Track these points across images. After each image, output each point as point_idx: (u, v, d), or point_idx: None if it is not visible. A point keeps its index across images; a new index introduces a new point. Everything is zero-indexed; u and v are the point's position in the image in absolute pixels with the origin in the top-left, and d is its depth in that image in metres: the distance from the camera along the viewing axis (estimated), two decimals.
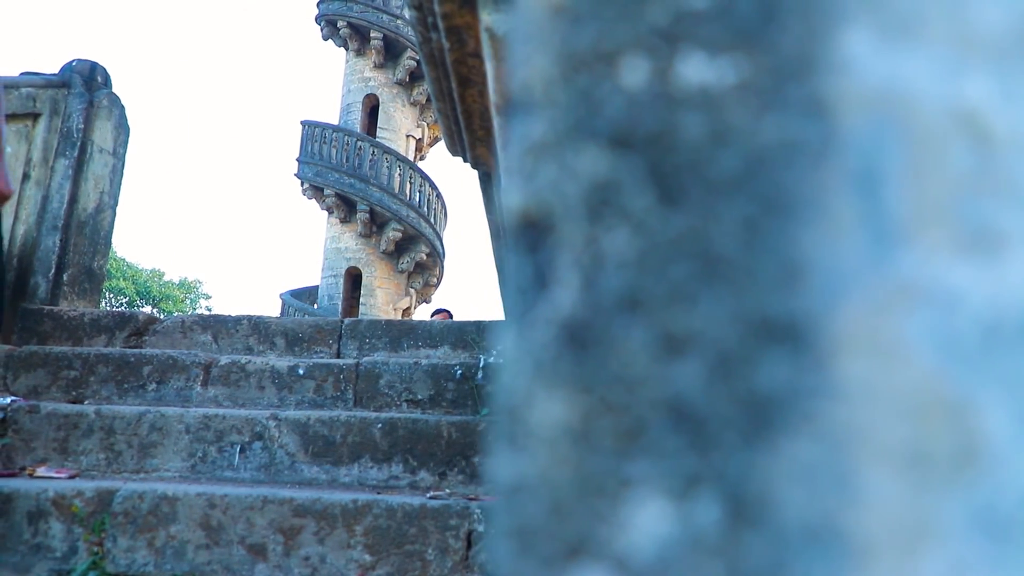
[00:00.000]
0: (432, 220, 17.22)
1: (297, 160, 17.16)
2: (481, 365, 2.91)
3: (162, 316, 3.82)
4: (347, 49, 18.51)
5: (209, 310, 37.72)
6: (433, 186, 17.55)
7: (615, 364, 0.24)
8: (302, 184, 17.17)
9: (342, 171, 16.46)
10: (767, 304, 0.24)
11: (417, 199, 17.01)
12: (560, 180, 0.26)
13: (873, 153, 0.25)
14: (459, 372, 2.93)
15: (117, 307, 30.80)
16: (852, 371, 0.24)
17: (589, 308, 0.25)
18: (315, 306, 17.31)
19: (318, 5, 18.35)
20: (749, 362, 0.24)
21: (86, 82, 3.98)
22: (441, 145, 19.87)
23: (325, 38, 18.60)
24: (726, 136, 0.25)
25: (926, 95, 0.26)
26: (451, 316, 7.26)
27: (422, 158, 19.68)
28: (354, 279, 17.19)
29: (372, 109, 18.46)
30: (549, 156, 0.26)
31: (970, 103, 0.26)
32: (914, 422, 0.24)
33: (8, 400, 2.55)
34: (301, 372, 2.98)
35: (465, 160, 2.17)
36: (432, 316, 7.30)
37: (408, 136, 18.61)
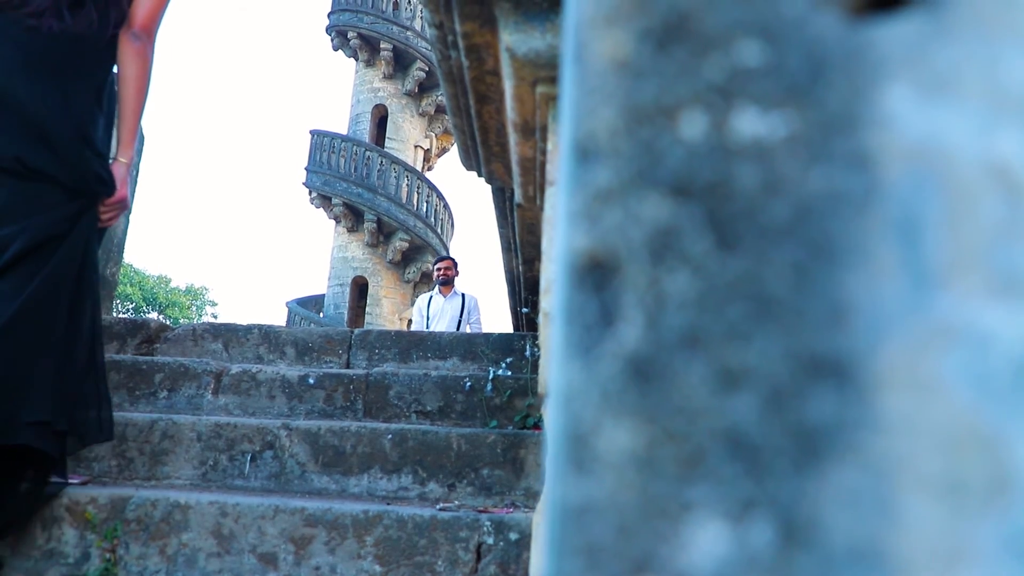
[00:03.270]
0: (439, 230, 17.27)
1: (305, 169, 17.24)
2: (490, 377, 2.92)
3: (168, 322, 3.85)
4: (357, 60, 18.63)
5: (215, 317, 37.79)
6: (440, 197, 17.61)
7: (677, 396, 0.26)
8: (310, 193, 17.25)
9: (350, 181, 16.53)
10: (815, 342, 0.26)
11: (424, 209, 17.07)
12: (625, 225, 0.28)
13: (912, 203, 0.28)
14: (468, 384, 2.95)
15: (123, 313, 30.93)
16: (893, 405, 0.26)
17: (652, 344, 0.27)
18: (321, 315, 17.35)
19: (329, 16, 18.48)
20: (799, 396, 0.26)
21: None
22: (448, 156, 19.95)
23: (335, 49, 18.73)
24: (777, 186, 0.28)
25: (962, 149, 0.28)
26: (455, 266, 6.84)
27: (430, 169, 19.76)
28: (360, 288, 17.23)
29: (381, 119, 18.56)
30: (614, 202, 0.28)
31: (1002, 157, 0.28)
32: (950, 453, 0.26)
33: None
34: (311, 382, 3.00)
35: (480, 175, 2.19)
36: (435, 265, 6.89)
37: (416, 147, 18.69)
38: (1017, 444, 0.26)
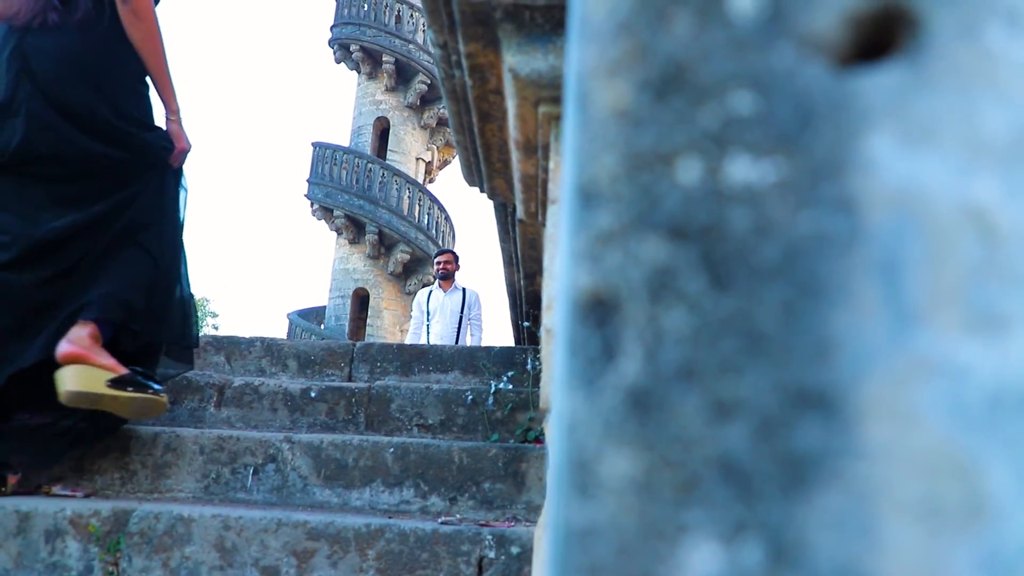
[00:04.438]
0: (440, 243, 17.30)
1: (307, 181, 17.29)
2: (492, 391, 2.94)
3: None
4: (359, 72, 18.70)
5: (216, 328, 37.77)
6: (442, 208, 17.66)
7: (673, 426, 0.28)
8: (312, 205, 17.30)
9: (352, 193, 16.59)
10: (803, 376, 0.28)
11: (426, 221, 17.12)
12: (625, 265, 0.30)
13: (894, 244, 0.30)
14: (470, 398, 2.96)
15: None
16: (875, 434, 0.28)
17: (651, 377, 0.29)
18: (322, 326, 17.36)
19: (331, 29, 18.58)
20: (787, 426, 0.28)
21: None
22: (450, 168, 20.01)
23: (338, 61, 18.81)
24: (768, 228, 0.30)
25: (940, 193, 0.30)
26: (456, 259, 6.75)
27: (431, 181, 19.81)
28: (361, 300, 17.25)
29: (383, 132, 18.62)
30: (615, 244, 0.30)
31: (978, 201, 0.30)
32: (928, 479, 0.28)
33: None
34: (313, 395, 3.02)
35: (482, 191, 2.21)
36: (435, 259, 6.82)
37: (418, 159, 18.75)
38: (991, 471, 0.28)
